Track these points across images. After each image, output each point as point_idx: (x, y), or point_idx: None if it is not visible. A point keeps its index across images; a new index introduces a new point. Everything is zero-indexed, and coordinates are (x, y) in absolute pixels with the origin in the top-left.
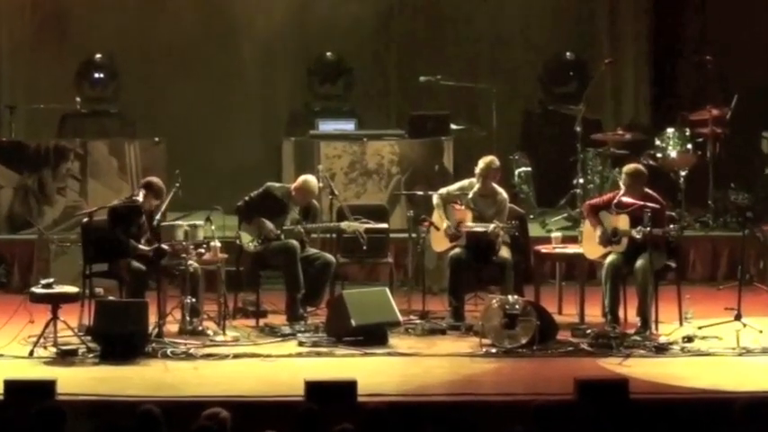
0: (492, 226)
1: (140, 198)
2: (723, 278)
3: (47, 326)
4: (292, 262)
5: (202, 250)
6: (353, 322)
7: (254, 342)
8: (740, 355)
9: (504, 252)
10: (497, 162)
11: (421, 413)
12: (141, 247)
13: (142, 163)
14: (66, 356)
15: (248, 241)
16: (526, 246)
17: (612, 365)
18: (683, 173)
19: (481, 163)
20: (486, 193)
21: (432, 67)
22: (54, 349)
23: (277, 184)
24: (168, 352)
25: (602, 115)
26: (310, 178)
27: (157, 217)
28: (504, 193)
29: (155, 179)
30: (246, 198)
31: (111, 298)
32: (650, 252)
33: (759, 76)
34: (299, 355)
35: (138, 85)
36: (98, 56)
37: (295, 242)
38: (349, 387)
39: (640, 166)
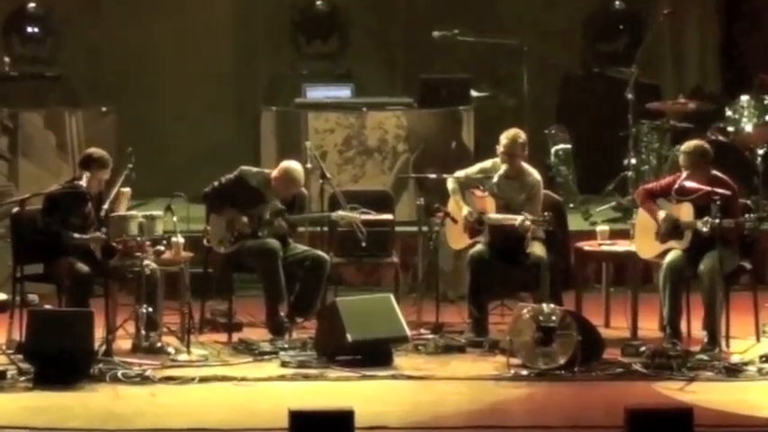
0: (520, 218)
1: (84, 182)
2: None
3: None
4: (272, 266)
5: (161, 248)
6: (350, 337)
7: (226, 362)
8: None
9: (538, 250)
10: (523, 135)
11: None
12: (77, 235)
13: (86, 138)
14: None
15: (218, 237)
16: (565, 242)
17: (673, 391)
18: (760, 151)
19: (504, 139)
20: (513, 174)
21: (448, 19)
22: None
23: (253, 170)
24: (119, 374)
25: (659, 79)
26: (294, 166)
27: (105, 206)
28: (536, 174)
29: (93, 150)
30: (216, 183)
31: (47, 307)
32: (719, 250)
33: None
34: (282, 378)
35: (80, 43)
36: (31, 5)
37: (275, 241)
38: (344, 418)
39: (703, 144)
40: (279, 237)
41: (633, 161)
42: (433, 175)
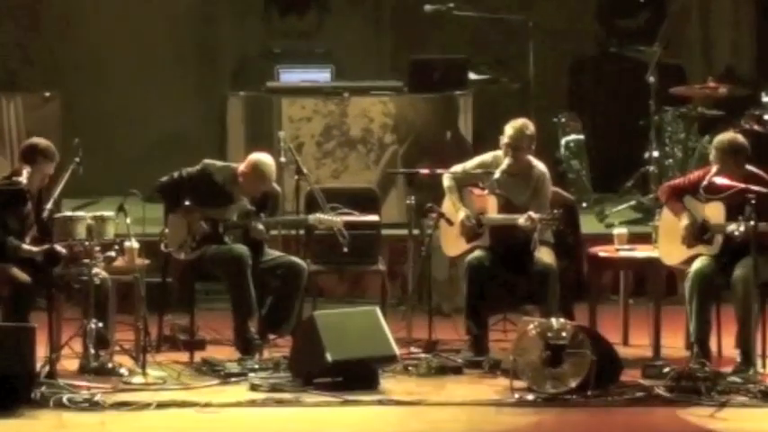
0: (524, 217)
1: (24, 178)
2: None
3: None
4: (240, 275)
5: (113, 253)
6: (330, 357)
7: (187, 385)
8: None
9: (546, 256)
10: (532, 127)
11: None
12: (26, 246)
13: (26, 127)
14: None
15: (178, 241)
16: (577, 247)
17: (701, 418)
18: None
19: (509, 130)
20: (517, 170)
21: None
22: None
23: (218, 164)
24: (64, 399)
25: (685, 60)
26: (264, 159)
27: (48, 206)
28: (541, 166)
29: (38, 140)
30: (174, 174)
31: None
32: (754, 256)
33: None
34: (252, 403)
35: (20, 17)
36: None
37: (243, 247)
38: None
39: (739, 138)
40: (254, 242)
41: (655, 154)
42: (425, 171)
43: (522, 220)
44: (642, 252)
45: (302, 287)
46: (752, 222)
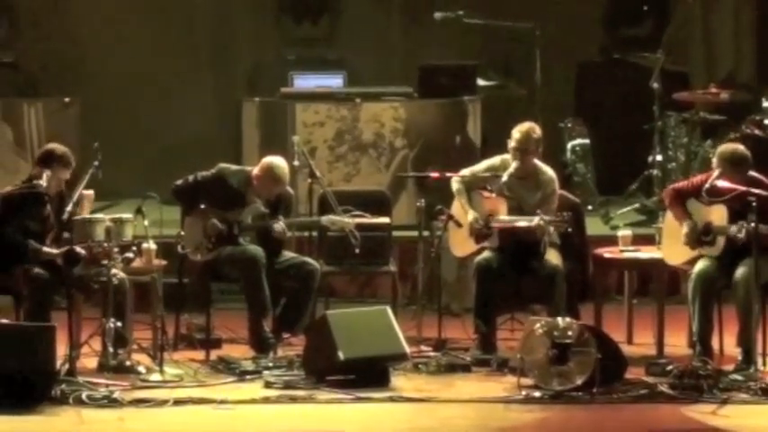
0: (536, 219)
1: (44, 181)
2: None
3: None
4: (255, 275)
5: (131, 255)
6: (342, 355)
7: (203, 383)
8: None
9: (553, 257)
10: (538, 130)
11: None
12: (46, 249)
13: (46, 132)
14: None
15: (195, 243)
16: (582, 248)
17: (703, 415)
18: None
19: (516, 133)
20: (525, 173)
21: None
22: None
23: (233, 168)
24: (83, 396)
25: (688, 66)
26: (278, 162)
27: (68, 208)
28: (550, 172)
29: (55, 146)
30: (190, 177)
31: (2, 321)
32: (756, 257)
33: None
34: (267, 400)
35: (40, 25)
36: None
37: (257, 248)
38: None
39: (741, 149)
40: (271, 243)
41: (659, 158)
42: (434, 174)
43: (534, 223)
44: (646, 253)
45: (315, 287)
46: (753, 224)
